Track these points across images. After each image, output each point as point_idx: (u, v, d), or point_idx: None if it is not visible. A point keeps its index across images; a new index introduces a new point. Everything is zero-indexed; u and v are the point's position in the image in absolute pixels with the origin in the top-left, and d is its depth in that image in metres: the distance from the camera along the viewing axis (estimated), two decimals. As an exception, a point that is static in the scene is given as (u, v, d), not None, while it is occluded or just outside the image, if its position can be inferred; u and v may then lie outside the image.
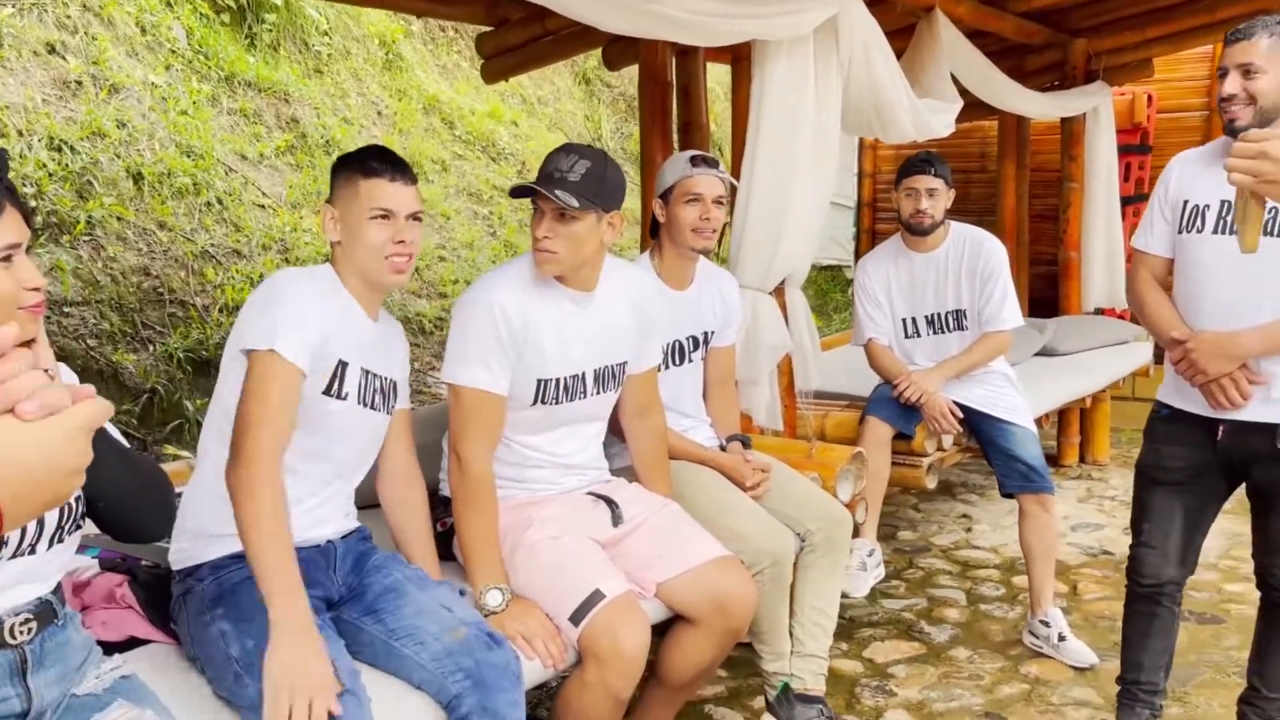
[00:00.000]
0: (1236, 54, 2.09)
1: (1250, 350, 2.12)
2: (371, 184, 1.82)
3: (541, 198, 2.03)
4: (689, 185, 2.50)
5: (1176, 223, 2.26)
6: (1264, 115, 2.07)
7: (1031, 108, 4.83)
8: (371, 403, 1.89)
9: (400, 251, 1.84)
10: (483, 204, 7.34)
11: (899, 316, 3.34)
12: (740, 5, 2.63)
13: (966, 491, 4.86)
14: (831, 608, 2.58)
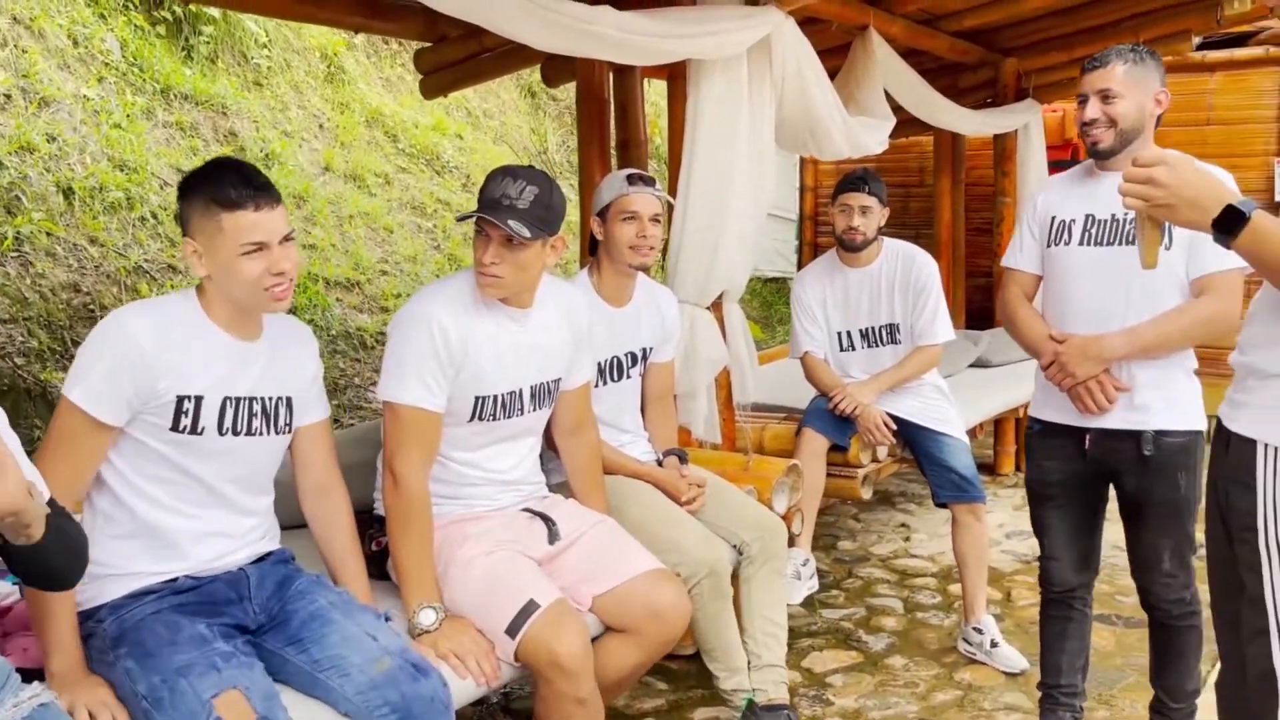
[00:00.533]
0: (1095, 81, 2.18)
1: (1116, 352, 2.19)
2: (236, 218, 1.70)
3: (489, 223, 2.03)
4: (625, 203, 2.52)
5: (1045, 238, 2.35)
6: (1124, 137, 2.18)
7: (965, 125, 4.94)
8: (247, 429, 1.81)
9: (280, 281, 1.75)
10: (426, 217, 7.30)
11: (834, 330, 3.40)
12: (675, 25, 2.67)
13: (906, 501, 4.94)
14: (780, 615, 2.61)
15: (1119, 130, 2.18)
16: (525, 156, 9.82)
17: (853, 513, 4.73)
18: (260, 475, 1.90)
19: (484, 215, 2.01)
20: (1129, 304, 2.20)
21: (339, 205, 6.35)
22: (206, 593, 1.70)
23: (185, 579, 1.75)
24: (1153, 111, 2.20)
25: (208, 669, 1.56)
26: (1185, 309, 2.17)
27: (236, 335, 1.81)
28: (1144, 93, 2.17)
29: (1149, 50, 2.22)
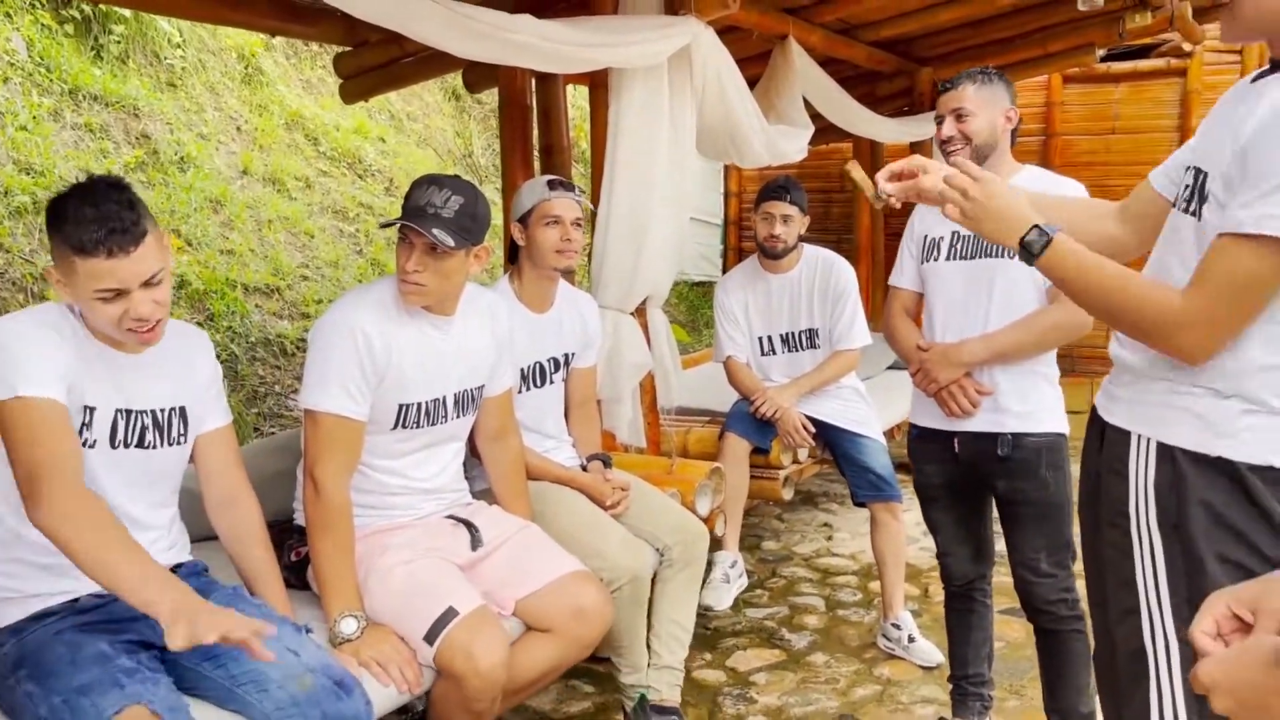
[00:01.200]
0: (949, 101, 2.32)
1: (974, 357, 2.30)
2: (89, 264, 1.61)
3: (413, 231, 2.03)
4: (548, 208, 2.54)
5: (920, 255, 2.47)
6: (980, 152, 2.29)
7: (882, 132, 5.06)
8: (139, 441, 1.77)
9: (139, 327, 1.68)
10: (348, 221, 7.20)
11: (756, 335, 3.46)
12: (596, 35, 2.70)
13: (828, 501, 5.04)
14: (688, 620, 2.65)
15: (974, 146, 2.29)
16: (450, 160, 9.74)
17: (776, 513, 4.80)
18: (158, 488, 1.86)
19: (408, 223, 2.01)
20: (990, 312, 2.31)
21: (258, 209, 6.23)
22: (110, 611, 1.66)
23: (88, 597, 1.71)
24: (1004, 127, 2.30)
25: (110, 686, 1.53)
26: (1037, 316, 2.27)
27: (120, 349, 1.77)
28: (994, 110, 2.28)
29: (997, 72, 2.35)
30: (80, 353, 1.71)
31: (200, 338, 1.96)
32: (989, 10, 4.67)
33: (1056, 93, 6.63)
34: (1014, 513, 2.37)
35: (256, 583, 1.93)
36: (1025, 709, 2.88)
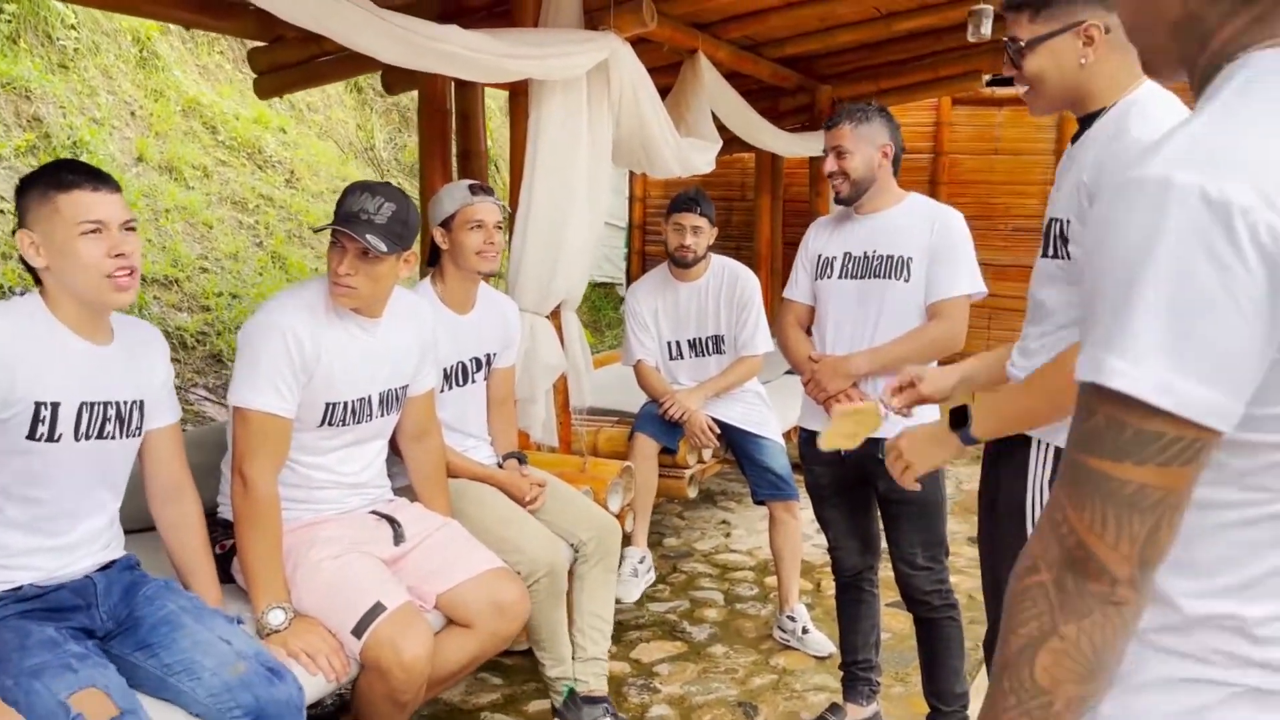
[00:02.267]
0: (830, 139, 2.52)
1: (860, 369, 2.51)
2: (72, 198, 1.70)
3: (346, 236, 2.09)
4: (471, 213, 2.62)
5: (813, 272, 2.65)
6: (858, 186, 2.50)
7: (782, 146, 5.27)
8: (99, 432, 1.81)
9: (122, 266, 1.74)
10: (248, 213, 7.06)
11: (665, 340, 3.60)
12: (519, 47, 2.79)
13: (727, 499, 5.22)
14: (607, 612, 2.77)
15: (852, 181, 2.49)
16: (351, 153, 9.62)
17: (678, 511, 4.96)
18: (109, 478, 1.89)
19: (342, 229, 2.07)
20: (877, 327, 2.51)
21: (154, 198, 6.08)
22: (52, 599, 1.69)
23: (29, 587, 1.74)
24: (881, 162, 2.50)
25: (62, 670, 1.56)
26: (918, 332, 2.48)
27: (88, 339, 1.80)
28: (871, 147, 2.48)
29: (878, 109, 2.54)
30: (49, 345, 1.74)
31: (157, 335, 2.01)
32: (885, 34, 4.91)
33: (946, 114, 6.99)
34: (893, 511, 2.56)
35: (192, 574, 1.97)
36: (909, 695, 3.09)
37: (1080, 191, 1.57)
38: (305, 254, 7.00)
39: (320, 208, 7.80)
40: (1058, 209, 1.65)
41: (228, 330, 5.41)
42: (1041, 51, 1.60)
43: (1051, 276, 1.67)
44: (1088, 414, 0.77)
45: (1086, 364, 0.76)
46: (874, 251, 2.51)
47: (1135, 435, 0.73)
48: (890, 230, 2.50)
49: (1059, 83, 1.62)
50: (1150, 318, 0.72)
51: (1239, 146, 0.73)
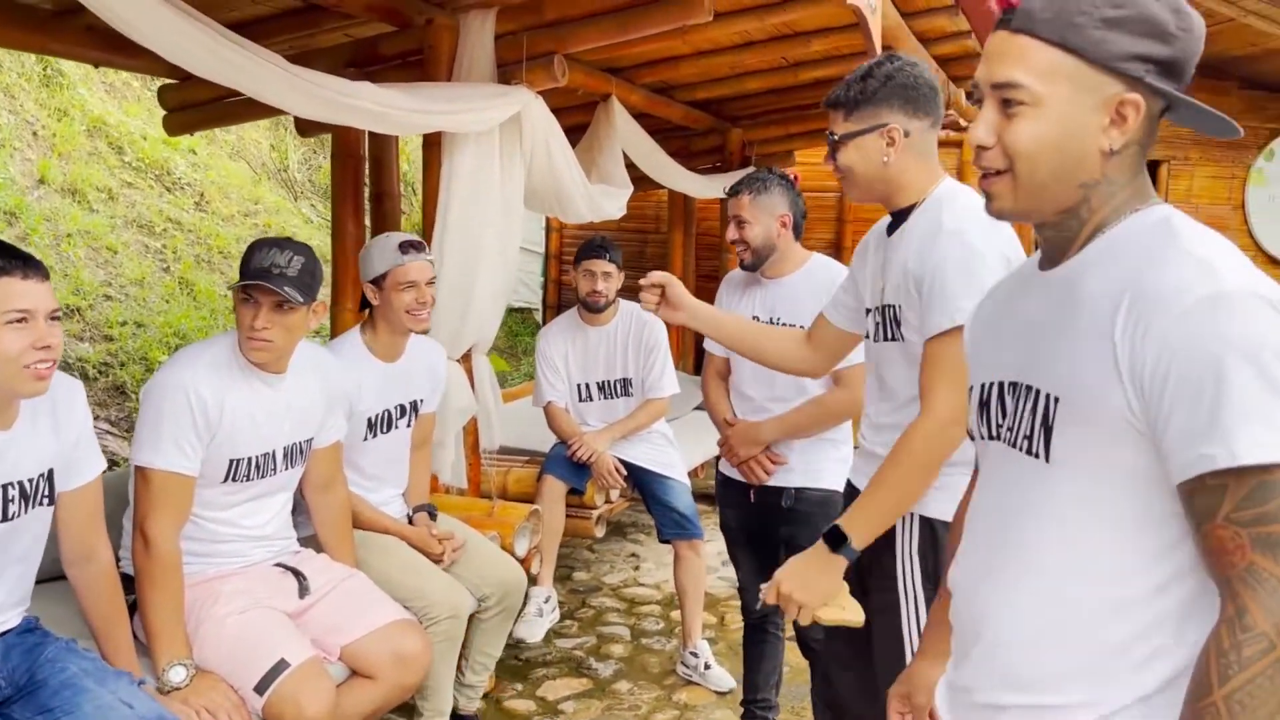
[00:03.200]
0: (731, 208, 2.68)
1: (769, 437, 2.66)
2: (3, 285, 1.67)
3: (261, 290, 2.12)
4: (402, 274, 2.66)
5: None
6: (759, 254, 2.66)
7: (694, 188, 5.42)
8: (2, 515, 1.79)
9: (44, 358, 1.72)
10: (155, 237, 6.93)
11: (574, 382, 3.69)
12: (432, 102, 2.85)
13: (636, 532, 5.31)
14: (497, 650, 2.91)
15: (753, 250, 2.64)
16: (265, 174, 9.49)
17: (587, 544, 5.03)
18: (20, 553, 1.87)
19: (260, 283, 2.10)
20: (777, 390, 2.66)
21: (56, 222, 5.94)
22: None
23: None
24: (779, 231, 2.65)
25: None
26: (821, 400, 2.63)
27: None
28: (770, 217, 2.63)
29: (778, 178, 2.70)
30: None
31: (73, 389, 1.95)
32: (792, 81, 5.10)
33: (852, 154, 7.24)
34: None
35: (105, 636, 1.96)
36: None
37: (908, 279, 1.75)
38: (215, 279, 6.90)
39: (231, 231, 7.69)
40: (889, 297, 1.83)
41: (131, 361, 5.32)
42: (851, 147, 1.80)
43: (892, 359, 1.85)
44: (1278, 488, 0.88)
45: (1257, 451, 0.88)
46: (777, 319, 2.65)
47: None
48: (791, 298, 2.64)
49: (865, 174, 1.82)
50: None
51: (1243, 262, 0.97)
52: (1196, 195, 7.86)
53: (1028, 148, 1.04)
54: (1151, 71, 1.01)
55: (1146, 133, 1.06)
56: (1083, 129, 1.03)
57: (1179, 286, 0.95)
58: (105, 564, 2.00)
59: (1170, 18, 1.01)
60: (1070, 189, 1.06)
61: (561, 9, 3.14)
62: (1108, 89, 1.02)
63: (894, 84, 1.77)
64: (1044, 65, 1.02)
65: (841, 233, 7.46)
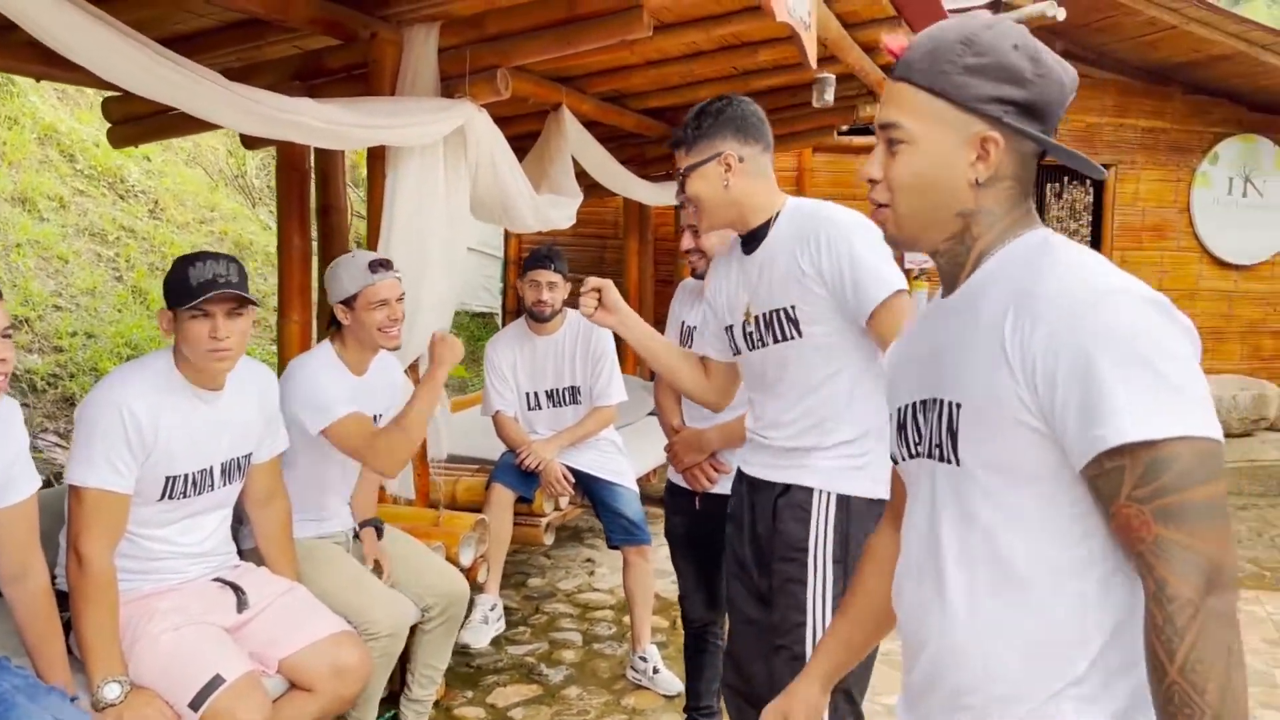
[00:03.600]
0: (685, 218, 2.73)
1: (712, 445, 2.73)
2: None
3: (217, 300, 2.15)
4: (373, 293, 2.68)
5: (678, 339, 2.88)
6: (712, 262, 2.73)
7: (647, 195, 5.47)
8: None
9: None
10: (108, 245, 6.87)
11: (523, 391, 3.73)
12: (374, 117, 2.88)
13: (593, 537, 5.35)
14: (442, 663, 2.92)
15: (708, 259, 2.69)
16: (221, 180, 9.43)
17: (543, 550, 5.06)
18: None
19: (221, 291, 2.14)
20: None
21: (5, 232, 5.88)
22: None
23: None
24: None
25: None
26: None
27: None
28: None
29: None
30: None
31: (11, 409, 1.98)
32: (743, 90, 5.16)
33: (808, 160, 7.35)
34: None
35: (39, 653, 1.98)
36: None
37: (806, 279, 1.93)
38: (169, 288, 6.85)
39: (187, 239, 7.64)
40: (776, 301, 1.98)
41: (81, 372, 5.28)
42: (695, 177, 2.01)
43: (786, 357, 2.00)
44: (1170, 461, 0.96)
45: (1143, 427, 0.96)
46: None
47: (1215, 460, 0.97)
48: None
49: (711, 200, 2.00)
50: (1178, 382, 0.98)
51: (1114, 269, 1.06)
52: (1144, 199, 8.03)
53: (905, 181, 1.16)
54: (1010, 112, 1.12)
55: (1019, 167, 1.15)
56: (952, 163, 1.14)
57: (1059, 291, 1.04)
58: (40, 581, 2.02)
59: (1027, 65, 1.11)
60: (949, 217, 1.16)
61: (504, 24, 3.18)
62: (972, 127, 1.13)
63: (724, 118, 1.99)
64: (918, 108, 1.14)
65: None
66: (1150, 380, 0.98)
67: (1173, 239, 8.12)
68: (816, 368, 1.98)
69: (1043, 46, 1.14)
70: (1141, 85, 7.93)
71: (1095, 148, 7.84)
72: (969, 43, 1.12)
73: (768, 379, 2.07)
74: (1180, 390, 0.98)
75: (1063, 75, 1.14)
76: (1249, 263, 8.25)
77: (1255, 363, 8.38)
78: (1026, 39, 1.13)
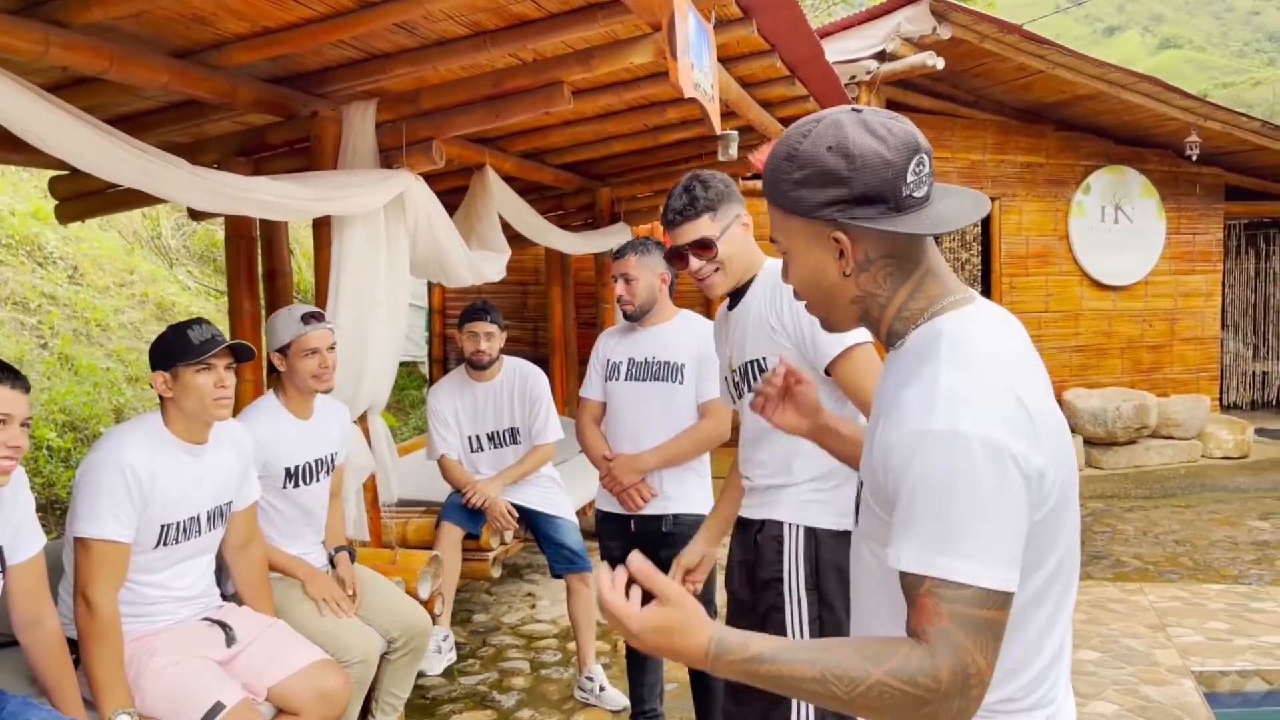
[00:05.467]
0: (618, 268, 3.11)
1: (649, 465, 3.06)
2: None
3: (220, 355, 2.44)
4: (305, 342, 2.96)
5: (604, 374, 3.20)
6: (643, 306, 3.09)
7: (568, 246, 5.79)
8: None
9: (11, 455, 2.07)
10: (30, 313, 6.90)
11: (465, 434, 3.99)
12: (322, 190, 3.14)
13: (532, 572, 5.59)
14: (404, 691, 3.15)
15: (638, 303, 3.07)
16: (137, 242, 9.45)
17: (486, 587, 5.28)
18: None
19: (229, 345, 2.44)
20: (657, 428, 3.05)
21: (-72, 305, 5.90)
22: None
23: None
24: (660, 286, 3.11)
25: None
26: (693, 431, 3.05)
27: None
28: (652, 274, 3.09)
29: (656, 243, 3.13)
30: None
31: (20, 477, 2.21)
32: (653, 143, 5.54)
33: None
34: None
35: (55, 691, 2.18)
36: (693, 735, 3.55)
37: (777, 333, 2.11)
38: (95, 353, 6.91)
39: (108, 303, 7.68)
40: (750, 353, 2.18)
41: (19, 439, 5.33)
42: (726, 240, 2.19)
43: None
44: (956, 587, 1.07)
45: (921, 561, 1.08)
46: (653, 358, 3.08)
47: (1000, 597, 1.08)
48: (666, 342, 3.08)
49: (739, 260, 2.20)
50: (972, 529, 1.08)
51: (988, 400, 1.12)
52: (1026, 228, 8.67)
53: (798, 286, 1.30)
54: (844, 209, 1.20)
55: (886, 246, 1.23)
56: (822, 264, 1.25)
57: (909, 413, 1.15)
58: (53, 628, 2.24)
59: (841, 163, 1.19)
60: (845, 306, 1.28)
61: (437, 99, 3.48)
62: (822, 231, 1.23)
63: (726, 184, 2.22)
64: (781, 225, 1.27)
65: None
66: (928, 523, 1.09)
67: (1055, 264, 8.78)
68: None
69: (859, 135, 1.19)
70: (1018, 124, 8.60)
71: (980, 182, 8.46)
72: (791, 158, 1.21)
73: (747, 425, 2.24)
74: (956, 532, 1.09)
75: (884, 154, 1.18)
76: (1125, 283, 8.97)
77: (1135, 375, 9.08)
78: (841, 136, 1.19)
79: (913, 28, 7.03)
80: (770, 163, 1.25)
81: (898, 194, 1.19)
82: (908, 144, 1.20)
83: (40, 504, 4.99)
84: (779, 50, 4.20)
